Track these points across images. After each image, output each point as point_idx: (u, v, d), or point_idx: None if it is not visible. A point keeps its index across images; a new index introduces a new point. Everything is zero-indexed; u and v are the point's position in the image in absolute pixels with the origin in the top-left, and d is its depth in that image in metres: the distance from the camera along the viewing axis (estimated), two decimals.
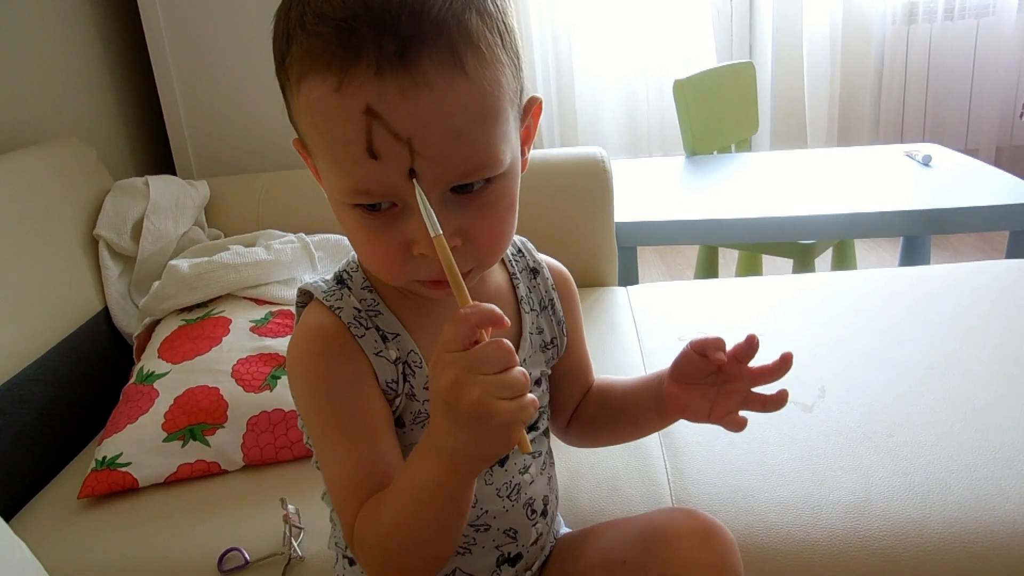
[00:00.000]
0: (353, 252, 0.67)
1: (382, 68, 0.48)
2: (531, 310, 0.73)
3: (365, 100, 0.49)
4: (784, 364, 0.64)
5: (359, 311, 0.65)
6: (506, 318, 0.50)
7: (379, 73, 0.49)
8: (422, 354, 0.65)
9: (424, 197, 0.52)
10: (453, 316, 0.50)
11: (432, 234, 0.51)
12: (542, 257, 0.77)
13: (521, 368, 0.49)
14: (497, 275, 0.72)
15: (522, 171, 0.61)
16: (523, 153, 0.61)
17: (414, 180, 0.52)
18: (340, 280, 0.67)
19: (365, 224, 0.56)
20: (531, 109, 0.61)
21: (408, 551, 0.58)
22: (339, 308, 0.64)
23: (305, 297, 0.68)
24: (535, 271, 0.75)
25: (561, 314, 0.76)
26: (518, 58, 0.56)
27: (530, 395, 0.49)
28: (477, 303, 0.51)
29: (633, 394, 0.76)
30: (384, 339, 0.64)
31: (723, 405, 0.66)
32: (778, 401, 0.65)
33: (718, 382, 0.66)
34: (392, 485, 0.58)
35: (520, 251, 0.76)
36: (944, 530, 0.84)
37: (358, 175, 0.52)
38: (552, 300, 0.75)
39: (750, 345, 0.63)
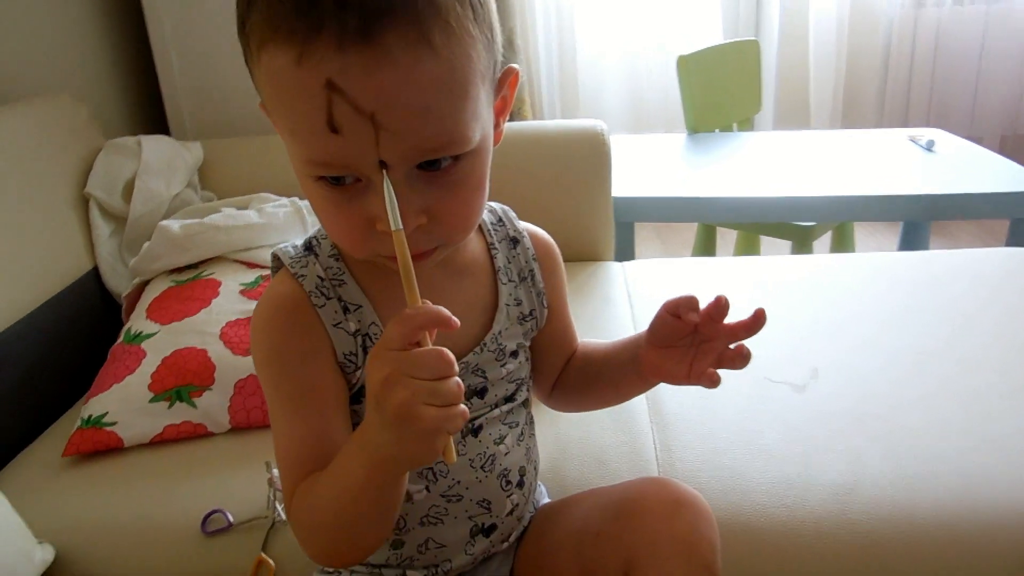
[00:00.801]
0: None
1: (344, 43, 0.47)
2: (509, 281, 0.72)
3: (326, 74, 0.47)
4: (757, 320, 0.62)
5: (322, 280, 0.64)
6: (455, 319, 0.49)
7: (341, 48, 0.47)
8: (383, 327, 0.64)
9: (391, 189, 0.51)
10: (398, 315, 0.49)
11: (393, 228, 0.50)
12: (524, 225, 0.75)
13: (458, 380, 0.49)
14: (474, 245, 0.71)
15: (496, 143, 0.60)
16: (498, 125, 0.60)
17: (384, 172, 0.51)
18: (308, 247, 0.66)
19: (328, 197, 0.55)
20: (507, 80, 0.59)
21: (336, 536, 0.58)
22: (303, 276, 0.63)
23: (276, 262, 0.67)
24: (515, 240, 0.74)
25: (541, 285, 0.74)
26: (492, 30, 0.54)
27: (462, 407, 0.49)
28: (425, 304, 0.50)
29: (612, 358, 0.75)
30: (345, 310, 0.64)
31: (699, 365, 0.65)
32: (743, 356, 0.64)
33: (695, 342, 0.65)
34: (327, 469, 0.58)
35: (500, 220, 0.74)
36: (931, 515, 0.84)
37: (318, 148, 0.51)
38: (532, 271, 0.74)
39: (719, 305, 0.62)
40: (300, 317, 0.62)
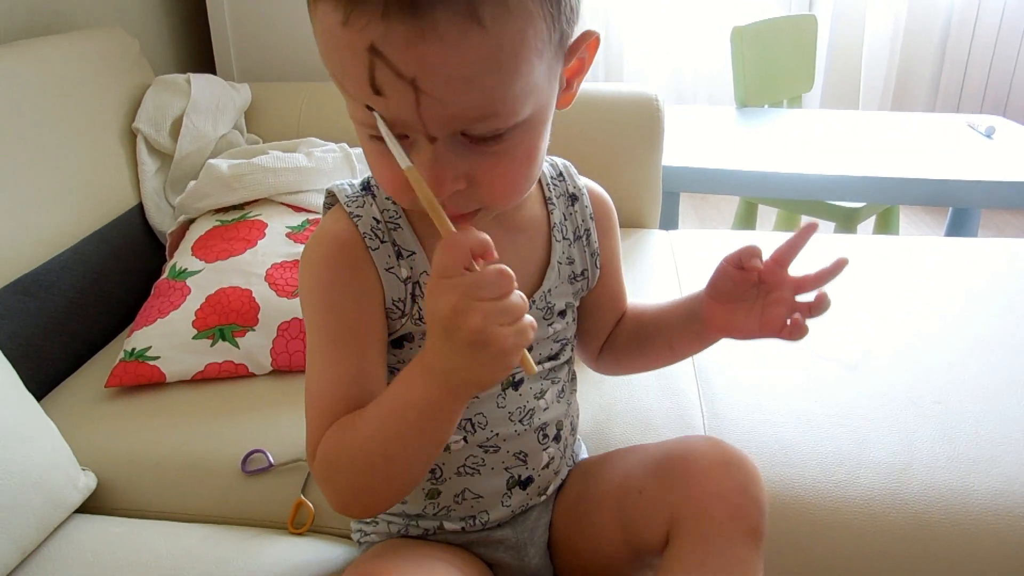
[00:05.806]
0: None
1: (389, 11, 0.45)
2: (563, 239, 0.70)
3: (370, 39, 0.46)
4: (836, 268, 0.61)
5: (378, 222, 0.62)
6: (494, 251, 0.49)
7: (385, 16, 0.45)
8: None
9: (389, 131, 0.50)
10: (443, 242, 0.48)
11: (403, 166, 0.50)
12: (584, 182, 0.73)
13: (520, 292, 0.48)
14: (532, 200, 0.69)
15: (566, 106, 0.58)
16: (570, 87, 0.58)
17: (376, 113, 0.50)
18: (366, 186, 0.65)
19: (375, 149, 0.54)
20: (584, 43, 0.56)
21: (376, 471, 0.56)
22: (358, 216, 0.62)
23: (331, 198, 0.65)
24: (574, 197, 0.72)
25: (596, 245, 0.72)
26: (558, 3, 0.51)
27: (528, 317, 0.49)
28: (467, 228, 0.49)
29: (668, 317, 0.73)
30: (398, 255, 0.62)
31: (772, 315, 0.63)
32: (821, 304, 0.62)
33: (760, 294, 0.64)
34: (375, 402, 0.56)
35: (560, 175, 0.72)
36: (987, 501, 0.82)
37: (363, 106, 0.50)
38: (588, 230, 0.72)
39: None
40: (352, 257, 0.61)
